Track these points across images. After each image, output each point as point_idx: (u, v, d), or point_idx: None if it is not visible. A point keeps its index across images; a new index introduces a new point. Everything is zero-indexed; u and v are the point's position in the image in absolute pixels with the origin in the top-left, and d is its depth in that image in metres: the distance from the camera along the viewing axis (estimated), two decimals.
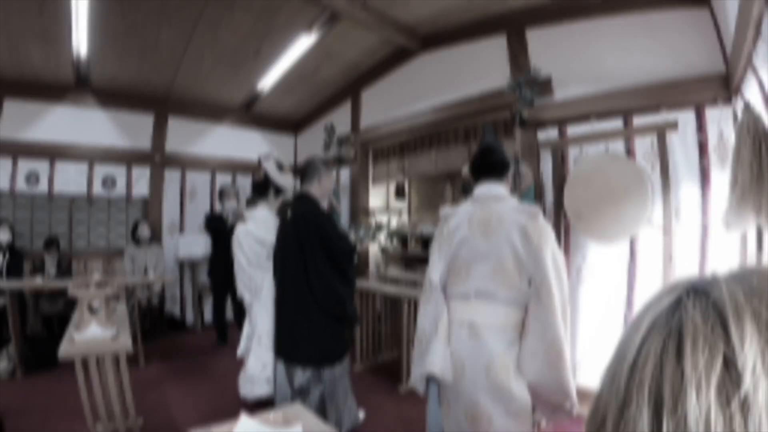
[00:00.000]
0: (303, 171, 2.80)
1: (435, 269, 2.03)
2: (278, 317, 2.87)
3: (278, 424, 1.23)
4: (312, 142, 6.41)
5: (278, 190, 3.48)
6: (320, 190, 2.77)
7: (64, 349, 2.44)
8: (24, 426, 2.94)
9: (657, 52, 3.03)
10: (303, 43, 4.40)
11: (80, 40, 4.14)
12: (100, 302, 2.83)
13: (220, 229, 4.80)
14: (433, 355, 1.91)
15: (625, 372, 0.34)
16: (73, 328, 2.69)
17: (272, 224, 3.31)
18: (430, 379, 2.03)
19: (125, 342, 2.62)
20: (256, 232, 3.30)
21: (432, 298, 2.02)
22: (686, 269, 2.75)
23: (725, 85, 2.70)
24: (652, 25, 3.05)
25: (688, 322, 0.33)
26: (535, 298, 1.83)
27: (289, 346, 2.74)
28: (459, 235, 1.97)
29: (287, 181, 3.49)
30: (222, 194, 5.04)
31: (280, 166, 3.43)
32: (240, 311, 4.79)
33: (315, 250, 2.62)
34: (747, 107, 2.02)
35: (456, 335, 1.93)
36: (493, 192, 2.00)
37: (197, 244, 5.94)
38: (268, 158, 3.41)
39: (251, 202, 4.63)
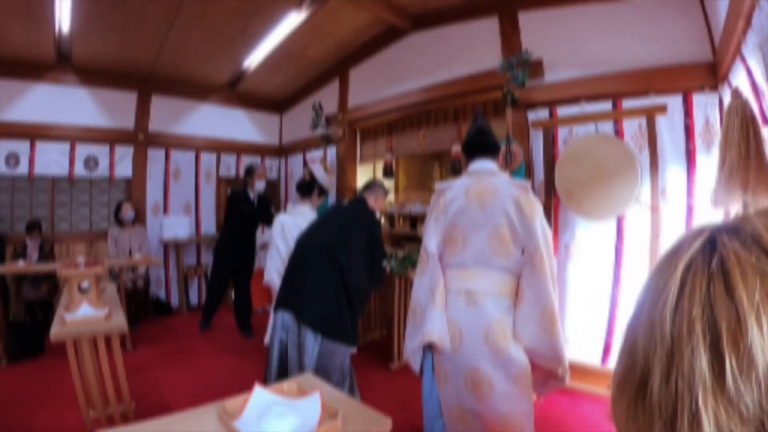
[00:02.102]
0: (367, 185, 3.14)
1: (431, 239, 2.09)
2: (294, 273, 2.80)
3: (293, 394, 1.26)
4: (298, 122, 6.34)
5: (322, 191, 3.61)
6: (373, 204, 3.05)
7: (56, 331, 2.34)
8: (14, 416, 2.85)
9: (647, 38, 3.09)
10: (292, 20, 4.32)
11: (63, 16, 3.99)
12: (89, 282, 2.79)
13: (244, 211, 4.54)
14: (431, 324, 1.95)
15: (667, 318, 0.34)
16: (63, 309, 2.60)
17: None
18: (425, 351, 2.08)
19: (119, 321, 2.55)
20: (304, 226, 3.30)
21: (428, 267, 2.08)
22: None
23: (712, 73, 2.80)
24: (643, 12, 3.10)
25: (730, 255, 0.33)
26: (528, 265, 1.91)
27: (300, 303, 2.68)
28: (456, 205, 2.04)
29: (330, 183, 3.60)
30: (250, 172, 4.70)
31: (325, 170, 3.54)
32: (240, 296, 4.79)
33: (361, 244, 2.80)
34: (736, 92, 2.10)
35: (453, 303, 1.99)
36: (487, 167, 2.12)
37: (182, 226, 5.89)
38: (315, 161, 3.50)
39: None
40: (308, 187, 3.58)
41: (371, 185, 3.12)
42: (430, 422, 2.14)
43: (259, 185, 4.66)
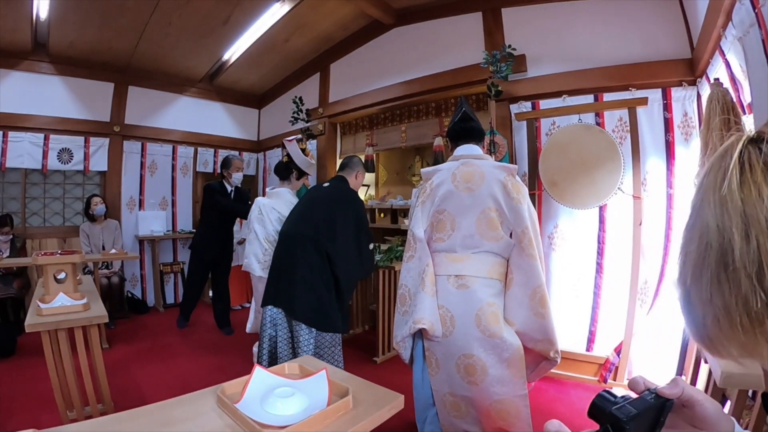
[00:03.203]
0: (344, 163, 3.07)
1: (418, 225, 2.07)
2: (281, 266, 2.73)
3: (295, 376, 1.22)
4: (276, 117, 6.28)
5: (301, 173, 3.51)
6: (354, 182, 3.02)
7: (31, 322, 2.22)
8: None
9: (627, 35, 3.18)
10: (275, 12, 4.27)
11: (41, 1, 3.84)
12: (66, 273, 2.67)
13: (221, 203, 4.38)
14: (422, 309, 1.93)
15: (736, 190, 0.39)
16: (38, 301, 2.47)
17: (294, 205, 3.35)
18: (415, 338, 2.05)
19: (98, 310, 2.45)
20: (282, 210, 3.25)
21: (416, 253, 2.05)
22: (652, 235, 2.94)
23: (690, 69, 2.90)
24: (624, 10, 3.19)
25: None
26: (517, 248, 1.92)
27: (291, 299, 2.63)
28: (443, 189, 2.03)
29: (310, 164, 3.54)
30: (227, 164, 4.52)
31: (303, 150, 3.47)
32: (219, 293, 4.68)
33: (348, 229, 2.75)
34: (717, 82, 2.18)
35: (443, 288, 1.97)
36: (474, 151, 2.13)
37: (158, 221, 5.74)
38: (293, 142, 3.40)
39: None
40: (286, 169, 3.47)
41: (348, 163, 3.05)
42: (422, 411, 2.12)
43: (237, 177, 4.51)
